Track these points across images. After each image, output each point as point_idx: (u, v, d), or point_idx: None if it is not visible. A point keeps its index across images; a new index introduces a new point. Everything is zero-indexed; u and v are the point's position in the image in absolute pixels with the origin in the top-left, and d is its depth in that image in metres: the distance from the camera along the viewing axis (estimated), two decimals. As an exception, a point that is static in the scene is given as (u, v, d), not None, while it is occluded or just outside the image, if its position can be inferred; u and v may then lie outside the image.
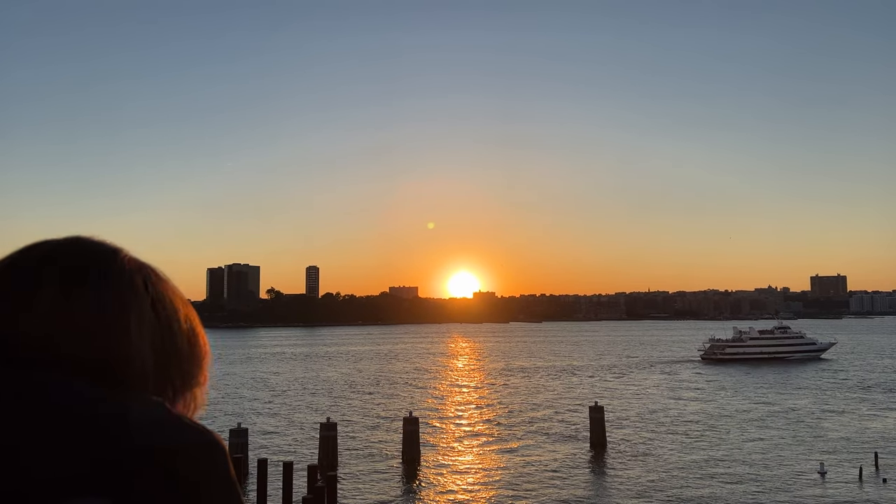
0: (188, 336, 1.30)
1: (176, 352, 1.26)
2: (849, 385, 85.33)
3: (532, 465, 44.71)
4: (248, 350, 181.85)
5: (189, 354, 1.29)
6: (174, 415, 1.15)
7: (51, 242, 1.23)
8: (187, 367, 1.28)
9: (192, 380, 1.30)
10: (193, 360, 1.30)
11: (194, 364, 1.30)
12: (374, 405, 72.87)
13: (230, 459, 1.20)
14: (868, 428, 56.16)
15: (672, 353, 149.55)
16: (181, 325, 1.28)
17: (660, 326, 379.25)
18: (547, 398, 76.77)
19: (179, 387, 1.27)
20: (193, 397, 1.32)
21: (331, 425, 44.73)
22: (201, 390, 1.33)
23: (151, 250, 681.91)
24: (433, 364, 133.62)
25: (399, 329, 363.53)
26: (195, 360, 1.31)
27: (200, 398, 1.34)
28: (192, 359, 1.30)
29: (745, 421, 60.33)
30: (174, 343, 1.26)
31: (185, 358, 1.28)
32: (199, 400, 1.33)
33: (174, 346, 1.26)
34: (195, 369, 1.31)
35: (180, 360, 1.27)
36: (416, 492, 39.20)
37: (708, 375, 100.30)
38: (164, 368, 1.23)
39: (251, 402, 75.91)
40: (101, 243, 1.26)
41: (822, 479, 40.11)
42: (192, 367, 1.30)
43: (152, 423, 1.10)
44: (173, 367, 1.25)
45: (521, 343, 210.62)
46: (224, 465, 1.15)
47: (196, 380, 1.31)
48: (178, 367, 1.26)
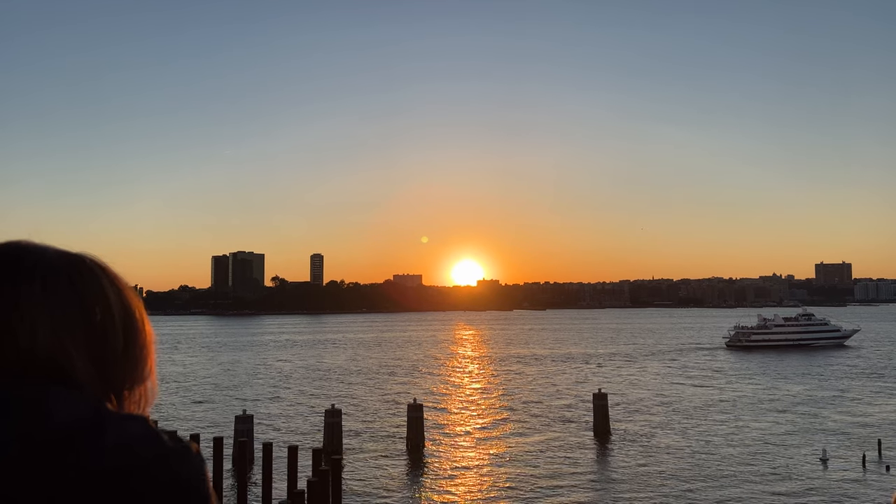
0: (126, 330, 1.25)
1: (112, 348, 1.22)
2: (868, 372, 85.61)
3: (535, 451, 45.00)
4: (253, 337, 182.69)
5: (128, 348, 1.25)
6: (117, 417, 1.13)
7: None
8: (127, 363, 1.25)
9: (137, 375, 1.26)
10: (134, 354, 1.26)
11: (136, 358, 1.26)
12: (379, 392, 73.29)
13: (202, 470, 1.17)
14: (875, 415, 56.32)
15: (694, 340, 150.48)
16: (117, 320, 1.24)
17: (664, 314, 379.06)
18: (554, 386, 77.08)
19: (122, 384, 1.23)
20: (143, 391, 1.28)
21: (335, 412, 45.09)
22: (150, 383, 1.30)
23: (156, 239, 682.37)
24: (437, 351, 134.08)
25: (403, 317, 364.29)
26: (136, 353, 1.26)
27: (151, 391, 1.30)
28: (133, 353, 1.26)
29: (756, 407, 60.73)
30: (107, 339, 1.22)
31: (124, 353, 1.24)
32: (149, 393, 1.30)
33: (110, 343, 1.22)
34: (138, 363, 1.27)
35: (117, 356, 1.23)
36: (420, 477, 39.56)
37: (731, 362, 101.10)
38: (102, 366, 1.20)
39: (256, 388, 76.43)
40: (18, 244, 1.23)
41: (824, 466, 40.31)
42: (133, 362, 1.26)
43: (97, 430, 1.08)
44: (111, 365, 1.22)
45: (526, 331, 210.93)
46: (188, 475, 1.13)
47: (141, 374, 1.28)
48: (116, 364, 1.23)
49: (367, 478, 38.71)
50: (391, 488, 36.96)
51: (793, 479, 37.78)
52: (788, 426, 52.23)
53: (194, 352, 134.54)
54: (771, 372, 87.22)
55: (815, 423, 53.12)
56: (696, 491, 35.68)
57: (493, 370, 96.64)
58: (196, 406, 64.41)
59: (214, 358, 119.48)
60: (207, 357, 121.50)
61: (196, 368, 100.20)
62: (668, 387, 74.80)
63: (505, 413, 59.78)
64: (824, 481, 37.33)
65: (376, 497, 35.29)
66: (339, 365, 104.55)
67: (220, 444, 20.46)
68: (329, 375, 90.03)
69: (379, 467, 41.08)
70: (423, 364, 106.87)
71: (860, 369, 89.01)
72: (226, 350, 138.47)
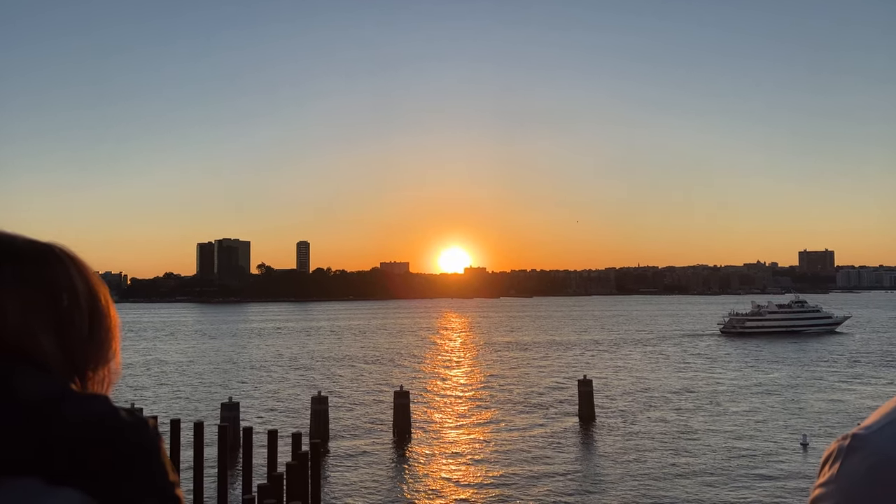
0: (92, 315, 1.30)
1: (78, 332, 1.27)
2: (858, 358, 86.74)
3: (520, 437, 45.24)
4: (239, 325, 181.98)
5: (93, 332, 1.30)
6: (89, 396, 1.18)
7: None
8: (92, 346, 1.29)
9: (101, 357, 1.31)
10: (99, 337, 1.31)
11: (100, 341, 1.31)
12: (365, 379, 73.31)
13: (160, 440, 1.23)
14: (855, 400, 57.09)
15: (681, 327, 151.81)
16: (83, 305, 1.29)
17: (650, 301, 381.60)
18: (539, 372, 77.44)
19: (87, 366, 1.28)
20: (107, 373, 1.33)
21: (322, 399, 45.01)
22: (113, 364, 1.35)
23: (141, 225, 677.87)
24: (424, 339, 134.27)
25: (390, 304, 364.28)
26: (101, 337, 1.31)
27: (114, 372, 1.35)
28: (97, 336, 1.30)
29: (742, 392, 61.41)
30: (73, 323, 1.27)
31: (90, 337, 1.29)
32: (112, 375, 1.35)
33: (76, 327, 1.27)
34: (102, 346, 1.31)
35: (83, 340, 1.28)
36: (406, 464, 39.66)
37: (724, 348, 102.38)
38: (68, 349, 1.25)
39: (242, 376, 76.18)
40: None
41: (803, 451, 40.81)
42: (98, 345, 1.30)
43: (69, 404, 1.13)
44: (77, 347, 1.27)
45: (512, 318, 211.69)
46: (149, 443, 1.18)
47: (105, 356, 1.32)
48: (82, 347, 1.27)
49: (353, 464, 38.76)
50: (375, 474, 37.02)
51: (772, 463, 38.24)
52: (770, 411, 52.82)
53: (179, 339, 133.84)
54: (764, 357, 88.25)
55: (797, 408, 53.75)
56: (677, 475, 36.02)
57: (480, 357, 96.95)
58: (181, 393, 64.12)
59: (200, 345, 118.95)
60: (192, 345, 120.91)
61: (181, 356, 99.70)
62: (656, 373, 75.37)
63: (491, 399, 60.01)
64: (803, 465, 37.81)
65: (359, 483, 35.35)
66: (326, 352, 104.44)
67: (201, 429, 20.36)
68: (315, 363, 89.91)
69: (364, 453, 41.13)
70: (410, 351, 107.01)
71: (849, 355, 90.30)
72: (211, 338, 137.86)
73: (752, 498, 32.34)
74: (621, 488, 33.94)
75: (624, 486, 34.24)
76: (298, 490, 14.16)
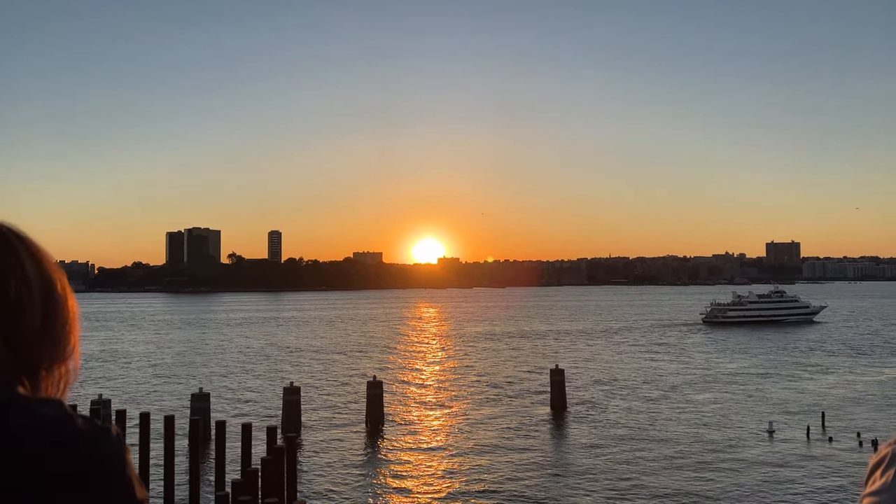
0: (45, 305, 1.16)
1: (29, 324, 1.14)
2: (830, 347, 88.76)
3: (493, 426, 45.46)
4: (209, 315, 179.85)
5: (47, 325, 1.16)
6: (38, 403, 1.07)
7: None
8: (45, 341, 1.16)
9: (57, 353, 1.18)
10: (54, 331, 1.17)
11: (56, 335, 1.17)
12: (338, 370, 73.01)
13: (124, 449, 1.12)
14: (822, 389, 58.37)
15: (673, 316, 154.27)
16: (35, 294, 1.15)
17: (622, 291, 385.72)
18: (512, 362, 77.83)
19: (39, 363, 1.15)
20: (64, 372, 1.20)
21: (294, 389, 44.72)
22: (72, 362, 1.22)
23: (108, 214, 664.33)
24: (397, 329, 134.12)
25: (363, 294, 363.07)
26: (56, 330, 1.17)
27: (72, 371, 1.22)
28: (52, 330, 1.17)
29: (709, 381, 62.37)
30: (23, 314, 1.13)
31: (43, 330, 1.16)
32: (70, 374, 1.22)
33: (26, 319, 1.13)
34: (59, 341, 1.18)
35: (34, 333, 1.15)
36: (379, 454, 39.62)
37: (704, 337, 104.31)
38: (16, 344, 1.12)
39: (213, 367, 75.34)
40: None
41: (769, 438, 41.63)
42: (52, 340, 1.17)
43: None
44: (27, 343, 1.13)
45: (485, 308, 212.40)
46: (113, 456, 1.08)
47: (62, 353, 1.19)
48: (33, 341, 1.14)
49: (325, 455, 38.60)
50: (350, 465, 36.93)
51: (739, 449, 38.96)
52: (738, 399, 53.78)
53: (148, 330, 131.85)
54: (741, 347, 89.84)
55: (764, 396, 54.82)
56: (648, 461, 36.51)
57: (453, 347, 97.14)
58: (150, 385, 63.20)
59: (169, 336, 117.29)
60: (162, 335, 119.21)
61: (150, 347, 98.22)
62: (632, 362, 76.27)
63: (464, 389, 60.19)
64: (769, 453, 38.57)
65: (335, 475, 35.22)
66: (298, 343, 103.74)
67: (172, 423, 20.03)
68: (287, 353, 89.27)
69: (338, 445, 40.98)
70: (383, 341, 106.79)
71: (825, 343, 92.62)
72: (181, 328, 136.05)
73: (721, 483, 32.92)
74: (592, 476, 34.31)
75: (595, 474, 34.61)
76: (274, 486, 14.00)
